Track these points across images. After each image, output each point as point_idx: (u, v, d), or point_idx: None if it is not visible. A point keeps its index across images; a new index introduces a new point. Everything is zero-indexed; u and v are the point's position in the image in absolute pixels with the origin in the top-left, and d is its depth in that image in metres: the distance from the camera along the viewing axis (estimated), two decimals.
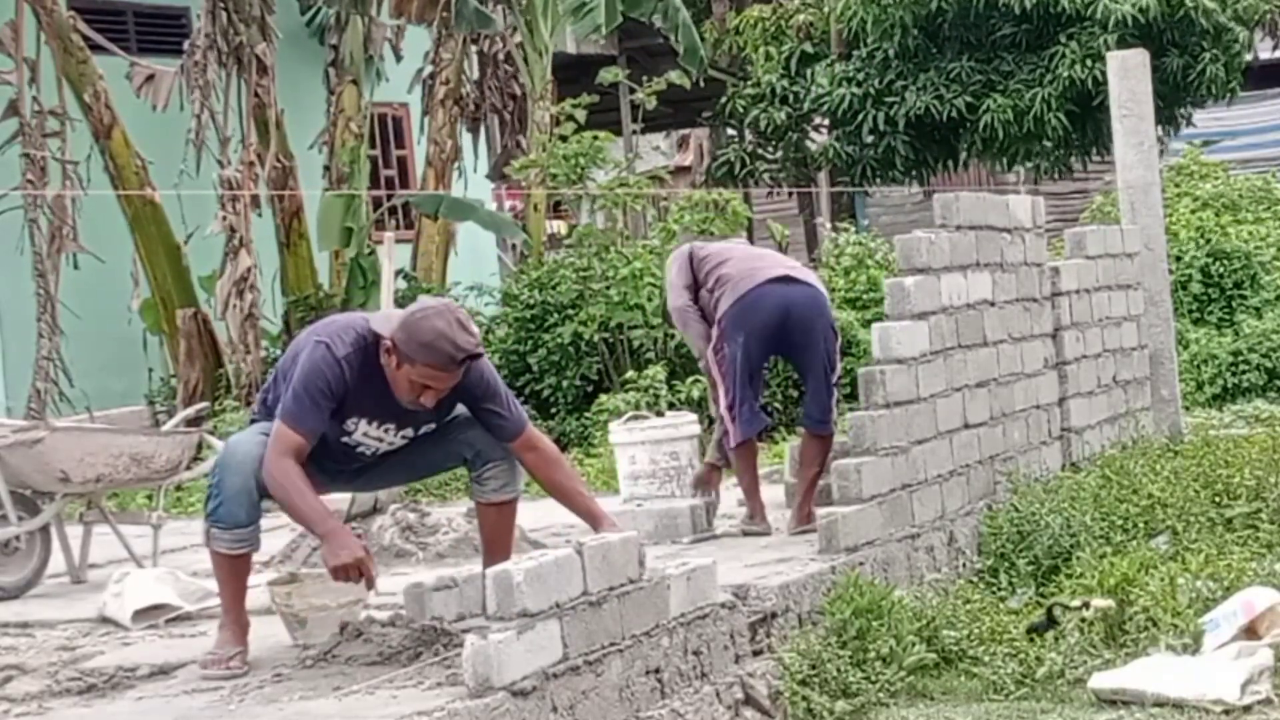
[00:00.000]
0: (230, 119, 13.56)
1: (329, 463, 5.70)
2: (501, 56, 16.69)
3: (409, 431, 5.76)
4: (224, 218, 13.14)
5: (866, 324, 12.40)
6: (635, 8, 15.58)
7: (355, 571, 5.42)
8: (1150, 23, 15.74)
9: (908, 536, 7.25)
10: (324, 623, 5.77)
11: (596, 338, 12.92)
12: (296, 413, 5.49)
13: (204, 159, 13.20)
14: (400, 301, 9.11)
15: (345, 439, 5.68)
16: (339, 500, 8.14)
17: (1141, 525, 7.70)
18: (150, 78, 13.54)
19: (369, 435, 5.71)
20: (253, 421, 5.92)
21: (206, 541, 5.63)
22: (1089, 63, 15.66)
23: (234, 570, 5.64)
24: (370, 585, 5.52)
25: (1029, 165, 17.75)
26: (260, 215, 13.63)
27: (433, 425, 5.78)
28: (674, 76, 14.49)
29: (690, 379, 12.36)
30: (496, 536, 5.89)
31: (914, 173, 17.82)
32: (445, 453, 5.86)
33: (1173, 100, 16.76)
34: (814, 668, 6.08)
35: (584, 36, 16.11)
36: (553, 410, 13.15)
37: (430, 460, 5.91)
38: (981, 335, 8.05)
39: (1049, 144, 16.86)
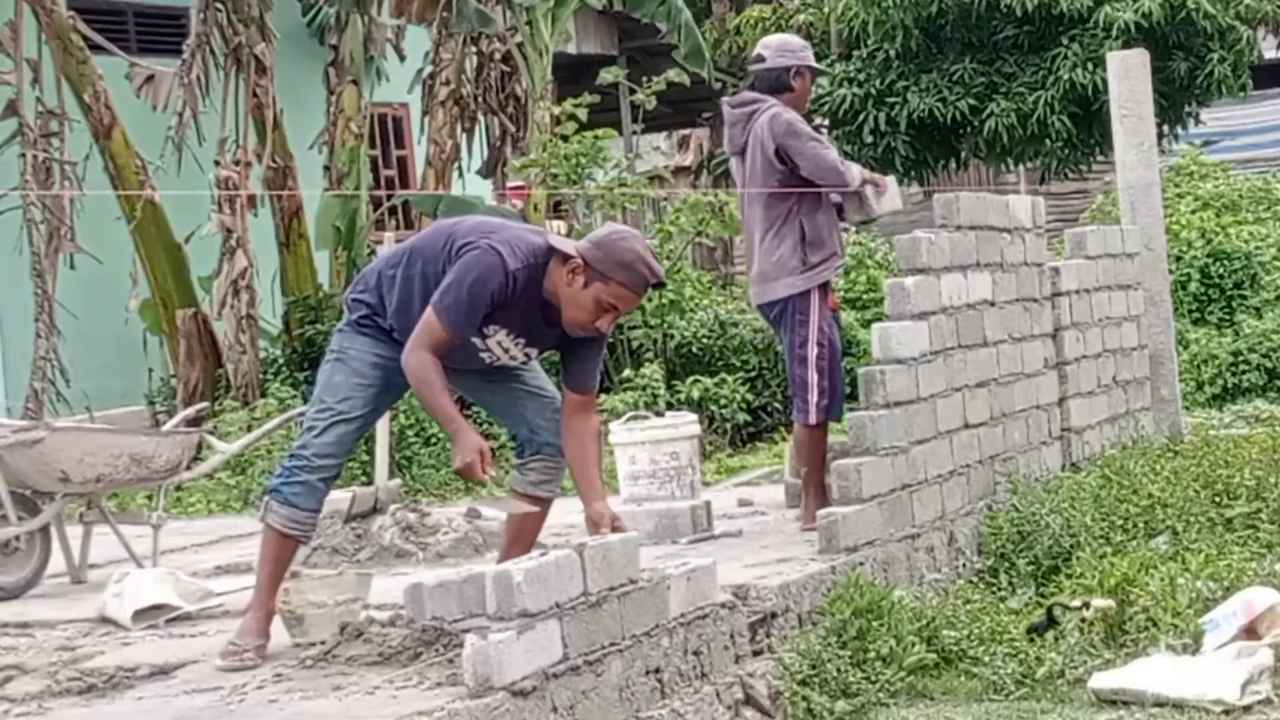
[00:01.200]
0: (229, 119, 13.56)
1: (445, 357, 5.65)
2: (500, 56, 16.69)
3: (532, 351, 5.81)
4: (220, 218, 13.14)
5: (866, 324, 12.42)
6: (638, 7, 15.56)
7: (476, 470, 5.46)
8: (1154, 26, 15.73)
9: (908, 536, 7.25)
10: (321, 621, 5.77)
11: None
12: (454, 312, 5.48)
13: (200, 158, 13.20)
14: None
15: (476, 341, 5.66)
16: (338, 500, 8.15)
17: (1141, 525, 7.70)
18: (150, 78, 13.53)
19: (500, 344, 5.70)
20: (358, 324, 5.73)
21: (261, 515, 5.68)
22: (1091, 66, 15.65)
23: (281, 551, 5.69)
24: (492, 478, 5.54)
25: (1031, 166, 17.75)
26: (256, 215, 13.63)
27: (551, 352, 5.83)
28: (673, 76, 14.49)
29: (690, 379, 12.37)
30: (522, 532, 5.90)
31: (914, 173, 17.81)
32: (508, 404, 5.89)
33: (1178, 100, 16.75)
34: (814, 668, 6.08)
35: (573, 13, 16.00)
36: None
37: (495, 402, 5.95)
38: (981, 335, 8.05)
39: (1053, 146, 16.85)
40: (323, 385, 5.74)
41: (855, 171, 7.63)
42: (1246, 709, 5.75)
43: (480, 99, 16.38)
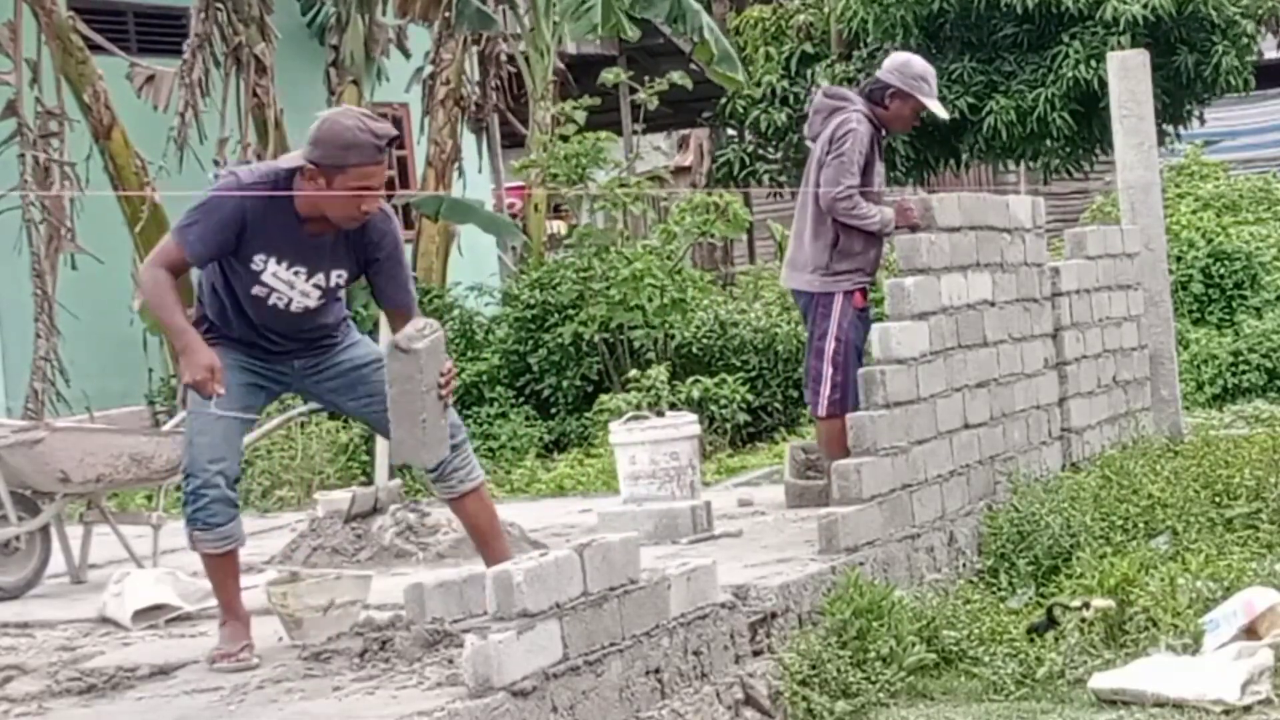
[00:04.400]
0: (229, 119, 13.56)
1: (260, 339, 5.69)
2: (503, 57, 16.69)
3: (320, 280, 5.68)
4: None
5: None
6: (648, 9, 15.54)
7: (208, 387, 5.43)
8: (1160, 21, 15.73)
9: (908, 536, 7.25)
10: (320, 623, 5.76)
11: (597, 338, 12.93)
12: (188, 232, 5.51)
13: (202, 158, 13.20)
14: None
15: (257, 288, 5.60)
16: (338, 500, 8.14)
17: (1141, 525, 7.70)
18: (150, 78, 13.54)
19: (279, 278, 5.62)
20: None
21: (191, 545, 5.69)
22: (1093, 63, 15.65)
23: (225, 568, 5.71)
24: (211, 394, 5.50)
25: (1034, 165, 17.74)
26: None
27: (343, 275, 5.72)
28: (676, 77, 14.49)
29: (690, 379, 12.37)
30: (486, 527, 5.87)
31: (915, 173, 17.81)
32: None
33: (1182, 98, 16.74)
34: (814, 668, 6.08)
35: (580, 36, 16.07)
36: (553, 410, 13.16)
37: (379, 422, 5.88)
38: (981, 335, 8.05)
39: (1053, 144, 16.85)
40: (191, 401, 5.72)
41: (888, 215, 7.75)
42: (1246, 709, 5.75)
43: (480, 99, 16.39)
